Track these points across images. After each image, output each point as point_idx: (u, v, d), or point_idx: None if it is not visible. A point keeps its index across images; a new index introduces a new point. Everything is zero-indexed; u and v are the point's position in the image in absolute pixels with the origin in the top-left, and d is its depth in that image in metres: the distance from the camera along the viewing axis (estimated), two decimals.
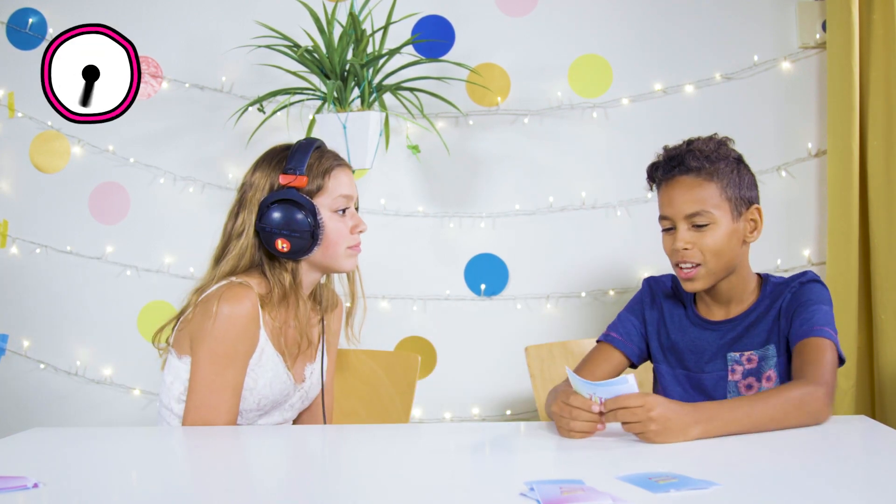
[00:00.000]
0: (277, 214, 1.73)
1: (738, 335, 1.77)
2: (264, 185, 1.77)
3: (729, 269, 1.75)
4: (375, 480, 1.32)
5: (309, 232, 1.74)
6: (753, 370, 1.74)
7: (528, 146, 2.66)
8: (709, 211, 1.71)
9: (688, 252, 1.72)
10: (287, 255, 1.75)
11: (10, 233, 2.78)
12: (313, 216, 1.74)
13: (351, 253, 1.82)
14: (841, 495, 1.15)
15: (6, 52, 2.77)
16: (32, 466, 1.37)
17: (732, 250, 1.73)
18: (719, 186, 1.72)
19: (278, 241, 1.73)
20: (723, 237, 1.71)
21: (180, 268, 2.73)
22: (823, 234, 2.57)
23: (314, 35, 2.45)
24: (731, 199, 1.72)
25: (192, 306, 1.75)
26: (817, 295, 1.72)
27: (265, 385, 1.76)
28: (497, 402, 2.68)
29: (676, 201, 1.73)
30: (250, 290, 1.71)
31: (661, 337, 1.86)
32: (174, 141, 2.74)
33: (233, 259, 1.77)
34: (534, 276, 2.67)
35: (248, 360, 1.73)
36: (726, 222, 1.72)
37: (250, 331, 1.71)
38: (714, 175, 1.72)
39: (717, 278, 1.75)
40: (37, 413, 2.76)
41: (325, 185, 1.78)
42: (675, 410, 1.44)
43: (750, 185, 1.76)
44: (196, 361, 1.70)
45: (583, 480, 1.18)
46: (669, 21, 2.63)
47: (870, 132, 2.44)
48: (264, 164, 1.80)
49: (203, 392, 1.68)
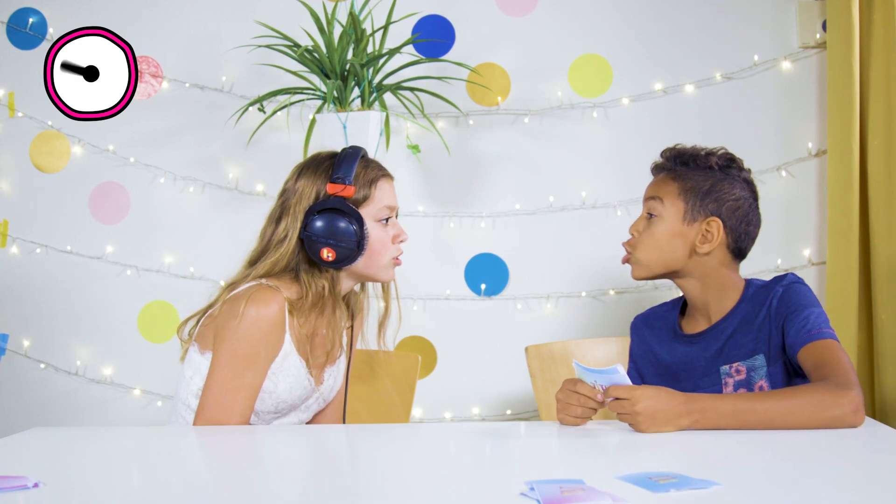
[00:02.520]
0: (324, 223, 1.72)
1: (722, 345, 1.76)
2: (310, 193, 1.76)
3: (667, 269, 1.78)
4: (375, 480, 1.32)
5: (355, 242, 1.73)
6: (743, 381, 1.73)
7: (528, 146, 2.67)
8: (660, 200, 1.78)
9: (632, 237, 1.81)
10: (331, 263, 1.74)
11: (10, 233, 2.78)
12: (360, 226, 1.74)
13: (393, 263, 1.82)
14: (841, 495, 1.15)
15: (6, 52, 2.77)
16: (32, 466, 1.37)
17: (672, 251, 1.76)
18: (679, 186, 1.77)
19: (324, 250, 1.72)
20: (663, 233, 1.76)
21: (180, 268, 2.73)
22: (823, 234, 2.57)
23: (314, 35, 2.45)
24: (686, 202, 1.76)
25: (221, 302, 1.74)
26: (804, 298, 1.71)
27: (285, 389, 1.75)
28: (497, 402, 2.68)
29: (645, 192, 1.83)
30: (279, 294, 1.70)
31: (651, 366, 1.88)
32: (174, 141, 2.74)
33: (270, 263, 1.75)
34: (534, 275, 2.67)
35: (269, 364, 1.72)
36: (672, 221, 1.76)
37: (274, 335, 1.70)
38: (679, 177, 1.78)
39: (652, 272, 1.79)
40: (37, 413, 2.76)
41: (372, 194, 1.78)
42: (663, 401, 1.47)
43: (722, 199, 1.75)
44: (216, 359, 1.69)
45: (583, 480, 1.18)
46: (669, 21, 2.63)
47: (870, 132, 2.44)
48: (309, 172, 1.78)
49: (218, 391, 1.68)
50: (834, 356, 1.58)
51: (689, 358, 1.80)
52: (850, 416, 1.48)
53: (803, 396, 1.49)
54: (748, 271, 2.05)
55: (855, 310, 2.44)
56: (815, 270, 2.58)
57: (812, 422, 1.47)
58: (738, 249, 1.78)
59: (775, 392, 1.54)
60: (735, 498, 1.13)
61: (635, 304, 2.62)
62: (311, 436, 1.69)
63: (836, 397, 1.48)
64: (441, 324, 2.69)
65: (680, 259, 1.77)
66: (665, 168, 1.81)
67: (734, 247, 1.77)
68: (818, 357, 1.60)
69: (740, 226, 1.76)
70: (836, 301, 2.45)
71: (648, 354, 1.88)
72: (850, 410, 1.47)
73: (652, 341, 1.88)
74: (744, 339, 1.74)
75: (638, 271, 1.81)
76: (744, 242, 1.78)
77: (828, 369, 1.56)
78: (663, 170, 1.82)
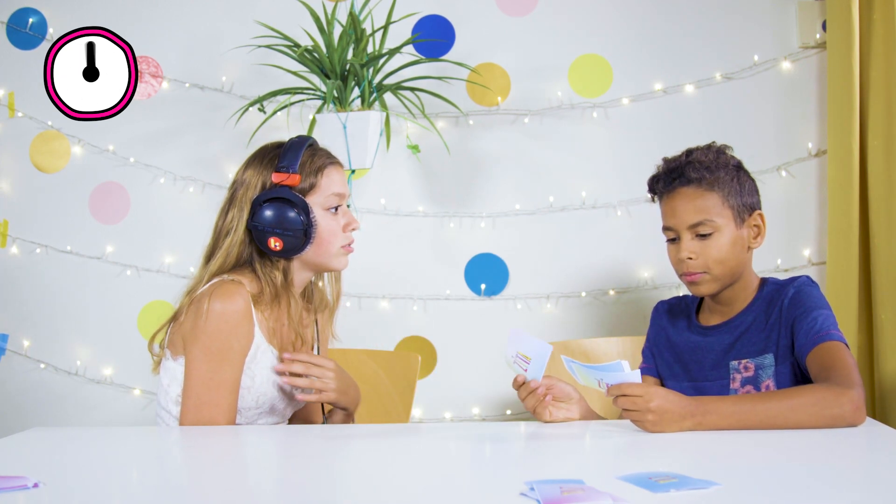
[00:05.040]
0: (270, 213, 1.73)
1: (734, 341, 1.77)
2: (256, 183, 1.77)
3: (734, 275, 1.78)
4: (375, 480, 1.31)
5: (302, 230, 1.73)
6: (751, 378, 1.74)
7: (528, 146, 2.66)
8: (712, 220, 1.73)
9: (692, 262, 1.75)
10: (279, 253, 1.75)
11: (10, 233, 2.78)
12: (306, 214, 1.74)
13: (343, 252, 1.82)
14: (841, 495, 1.15)
15: (6, 52, 2.77)
16: (32, 466, 1.37)
17: (737, 257, 1.76)
18: (721, 195, 1.74)
19: (271, 239, 1.73)
20: (727, 245, 1.74)
21: (180, 268, 2.73)
22: (823, 234, 2.57)
23: (314, 35, 2.45)
24: (733, 207, 1.75)
25: (185, 308, 1.74)
26: (813, 300, 1.72)
27: (262, 382, 1.75)
28: (497, 402, 2.68)
29: (679, 212, 1.76)
30: (242, 287, 1.71)
31: (666, 351, 1.89)
32: (174, 141, 2.74)
33: (222, 257, 1.76)
34: (534, 275, 2.67)
35: (243, 357, 1.72)
36: (730, 230, 1.75)
37: (244, 327, 1.70)
38: (715, 184, 1.74)
39: (723, 285, 1.77)
40: (37, 413, 2.76)
41: (318, 182, 1.78)
42: (673, 402, 1.48)
43: (751, 190, 1.78)
44: (190, 360, 1.69)
45: (583, 480, 1.18)
46: (669, 21, 2.63)
47: (870, 132, 2.44)
48: (256, 162, 1.79)
49: (200, 390, 1.68)
50: (839, 358, 1.59)
51: (700, 349, 1.82)
52: (850, 415, 1.48)
53: (804, 396, 1.49)
54: None
55: (855, 310, 2.43)
56: (815, 270, 2.58)
57: (813, 421, 1.47)
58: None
59: (776, 392, 1.55)
60: (735, 498, 1.13)
61: (635, 304, 2.62)
62: (312, 435, 1.69)
63: (837, 396, 1.49)
64: (441, 324, 2.69)
65: (742, 262, 1.78)
66: (692, 180, 1.75)
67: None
68: (824, 359, 1.61)
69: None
70: (836, 301, 2.44)
71: (664, 340, 1.90)
72: (851, 409, 1.48)
73: (669, 328, 1.90)
74: (756, 336, 1.75)
75: (710, 287, 1.77)
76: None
77: (831, 371, 1.57)
78: (689, 182, 1.76)
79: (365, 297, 2.69)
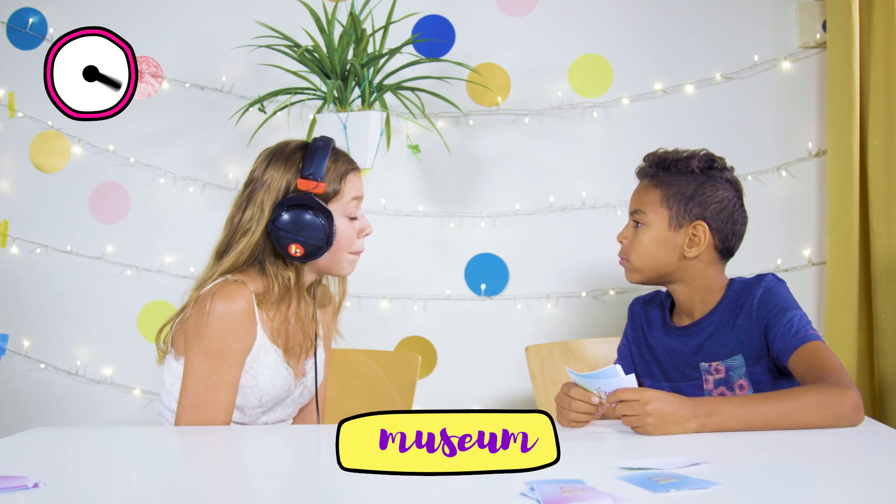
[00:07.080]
0: (293, 219, 1.72)
1: (702, 342, 1.79)
2: (279, 187, 1.75)
3: (660, 274, 1.81)
4: (375, 480, 1.31)
5: (324, 238, 1.74)
6: (723, 380, 1.76)
7: (528, 146, 2.66)
8: (644, 213, 1.80)
9: (622, 245, 1.84)
10: (298, 258, 1.75)
11: (10, 233, 2.78)
12: (329, 223, 1.74)
13: (353, 258, 1.82)
14: (841, 495, 1.15)
15: (6, 52, 2.77)
16: (32, 466, 1.37)
17: (663, 257, 1.79)
18: (662, 194, 1.79)
19: (292, 245, 1.72)
20: (652, 241, 1.79)
21: (180, 268, 2.73)
22: (823, 234, 2.57)
23: (314, 35, 2.45)
24: (671, 209, 1.78)
25: (192, 303, 1.74)
26: (785, 301, 1.73)
27: (266, 382, 1.75)
28: (497, 402, 2.68)
29: (631, 198, 1.86)
30: (245, 288, 1.71)
31: (643, 350, 1.90)
32: (174, 141, 2.74)
33: (235, 255, 1.75)
34: (534, 275, 2.67)
35: (243, 358, 1.72)
36: (659, 228, 1.79)
37: (244, 328, 1.70)
38: (661, 183, 1.80)
39: (647, 279, 1.83)
40: (37, 413, 2.76)
41: (342, 189, 1.78)
42: (672, 404, 1.47)
43: (706, 202, 1.77)
44: (190, 359, 1.69)
45: (583, 480, 1.18)
46: (669, 21, 2.63)
47: (870, 132, 2.44)
48: (279, 163, 1.77)
49: (198, 389, 1.68)
50: (825, 357, 1.62)
51: (674, 350, 1.84)
52: (851, 414, 1.50)
53: (806, 397, 1.51)
54: (747, 272, 2.05)
55: (855, 310, 2.43)
56: (815, 270, 2.58)
57: (816, 421, 1.49)
58: (726, 249, 1.81)
59: (778, 393, 1.55)
60: (735, 498, 1.13)
61: None
62: (311, 435, 1.69)
63: (838, 396, 1.51)
64: (441, 324, 2.69)
65: (670, 264, 1.80)
66: (647, 174, 1.84)
67: (721, 247, 1.80)
68: (809, 360, 1.63)
69: (726, 226, 1.79)
70: (836, 301, 2.45)
71: (641, 338, 1.92)
72: (852, 408, 1.50)
73: (646, 328, 1.91)
74: (723, 338, 1.76)
75: (633, 276, 1.85)
76: (731, 241, 1.81)
77: (822, 371, 1.59)
78: (646, 176, 1.85)
79: (365, 297, 2.69)
